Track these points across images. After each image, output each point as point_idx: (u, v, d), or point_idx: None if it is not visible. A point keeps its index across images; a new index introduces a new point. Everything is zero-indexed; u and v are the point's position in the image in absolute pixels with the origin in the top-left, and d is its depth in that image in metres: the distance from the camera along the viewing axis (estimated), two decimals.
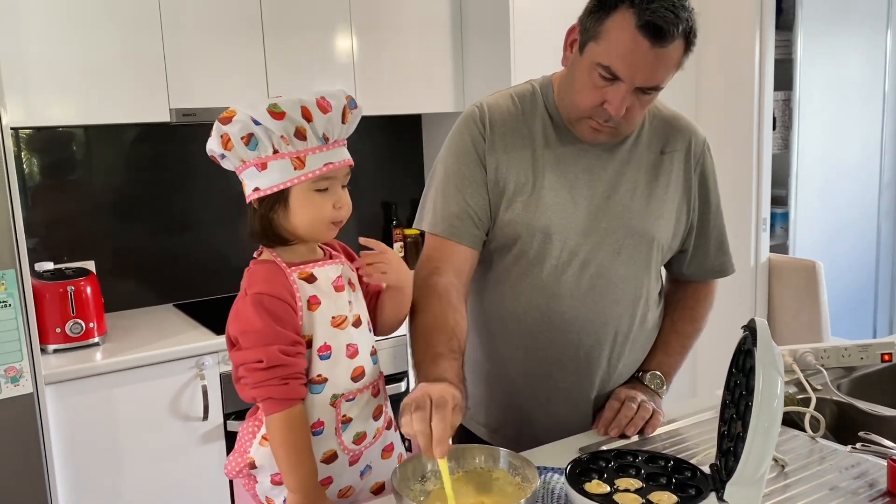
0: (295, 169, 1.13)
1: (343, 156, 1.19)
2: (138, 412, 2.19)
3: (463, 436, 1.51)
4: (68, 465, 2.10)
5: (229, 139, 1.13)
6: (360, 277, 1.27)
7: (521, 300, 1.39)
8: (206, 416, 2.27)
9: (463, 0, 2.95)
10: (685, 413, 1.49)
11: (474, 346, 1.46)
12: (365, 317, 1.25)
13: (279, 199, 1.14)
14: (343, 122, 1.18)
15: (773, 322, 3.18)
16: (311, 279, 1.18)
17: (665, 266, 1.53)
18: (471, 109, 1.43)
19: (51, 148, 2.55)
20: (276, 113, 1.10)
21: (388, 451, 1.29)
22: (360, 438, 1.22)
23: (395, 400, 1.28)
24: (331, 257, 1.25)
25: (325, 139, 1.15)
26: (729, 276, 1.57)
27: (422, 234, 1.44)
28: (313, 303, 1.17)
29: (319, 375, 1.17)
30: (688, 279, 1.56)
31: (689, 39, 1.24)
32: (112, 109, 2.33)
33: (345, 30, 2.72)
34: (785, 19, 3.31)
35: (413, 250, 3.22)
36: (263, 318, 1.11)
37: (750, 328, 1.07)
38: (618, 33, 1.21)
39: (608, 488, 1.08)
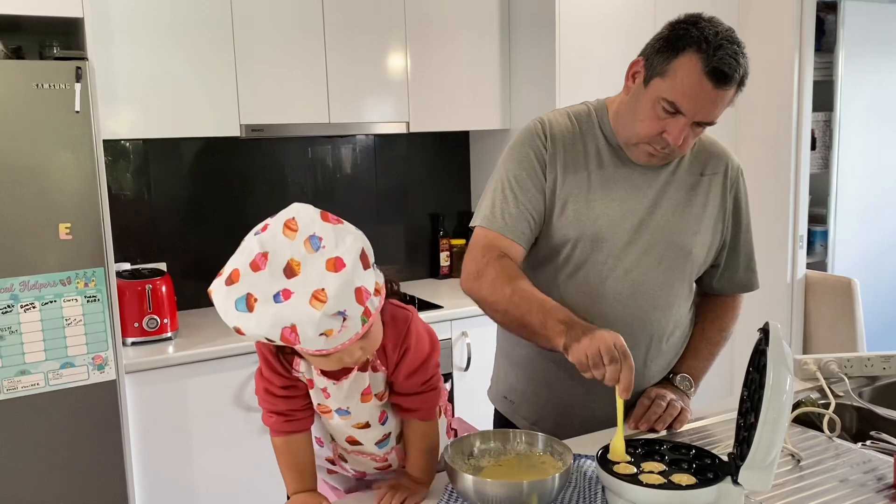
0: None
1: (347, 336, 1.06)
2: (206, 401, 2.39)
3: (505, 426, 1.66)
4: (143, 447, 2.31)
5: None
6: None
7: (568, 300, 1.51)
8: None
9: (511, 22, 3.12)
10: (717, 411, 1.62)
11: (521, 343, 1.60)
12: (375, 419, 1.27)
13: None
14: (329, 337, 1.04)
15: (810, 336, 3.25)
16: (309, 367, 1.21)
17: (696, 281, 1.65)
18: (533, 123, 1.56)
19: (127, 158, 2.79)
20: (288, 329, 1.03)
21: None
22: (359, 473, 1.37)
23: None
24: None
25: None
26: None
27: (464, 228, 1.59)
28: (310, 385, 1.22)
29: (320, 405, 1.25)
30: (717, 293, 1.69)
31: (742, 81, 1.39)
32: (187, 124, 2.54)
33: (400, 51, 2.91)
34: (827, 41, 3.39)
35: (458, 259, 3.37)
36: (260, 357, 1.22)
37: (764, 330, 1.19)
38: (685, 74, 1.36)
39: (635, 470, 1.21)
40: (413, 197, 3.37)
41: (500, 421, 1.70)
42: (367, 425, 1.27)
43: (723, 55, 1.33)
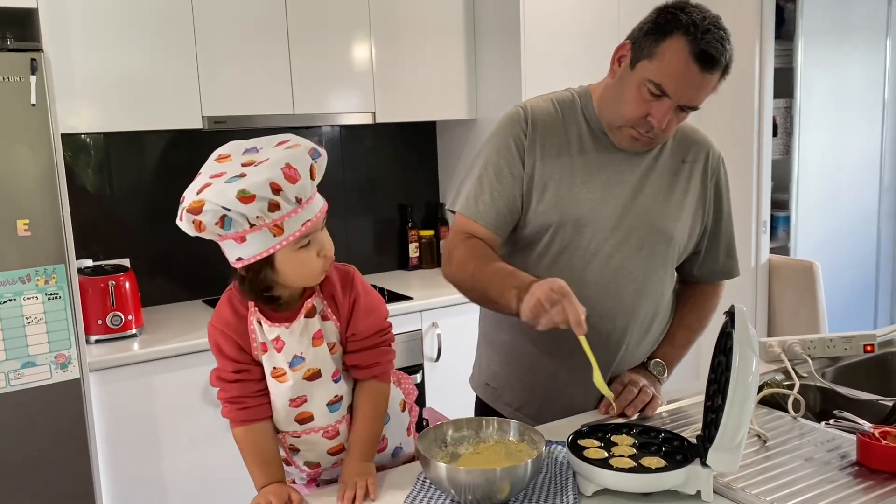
0: (274, 236, 1.14)
1: (317, 207, 1.20)
2: (174, 399, 2.35)
3: (487, 414, 1.65)
4: (110, 446, 2.27)
5: (201, 223, 1.13)
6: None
7: None
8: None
9: (476, 12, 3.11)
10: (685, 394, 1.64)
11: (503, 328, 1.61)
12: (327, 370, 1.27)
13: (264, 264, 1.17)
14: (312, 180, 1.18)
15: (774, 319, 3.31)
16: (260, 325, 1.25)
17: (677, 268, 1.66)
18: (515, 109, 1.57)
19: (88, 152, 2.73)
20: (246, 198, 1.10)
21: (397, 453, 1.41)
22: (313, 465, 1.35)
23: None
24: (300, 309, 1.25)
25: (299, 201, 1.16)
26: None
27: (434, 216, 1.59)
28: (263, 349, 1.25)
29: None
30: (697, 280, 1.70)
31: (727, 68, 1.41)
32: (148, 117, 2.50)
33: (364, 41, 2.88)
34: (786, 29, 3.45)
35: (427, 250, 3.37)
36: (212, 345, 1.25)
37: (730, 313, 1.21)
38: (672, 56, 1.37)
39: (605, 454, 1.22)
40: (381, 188, 3.36)
41: (482, 409, 1.70)
42: (318, 374, 1.26)
43: (710, 39, 1.35)
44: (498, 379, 1.66)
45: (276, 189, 1.12)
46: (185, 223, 1.15)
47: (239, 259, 1.18)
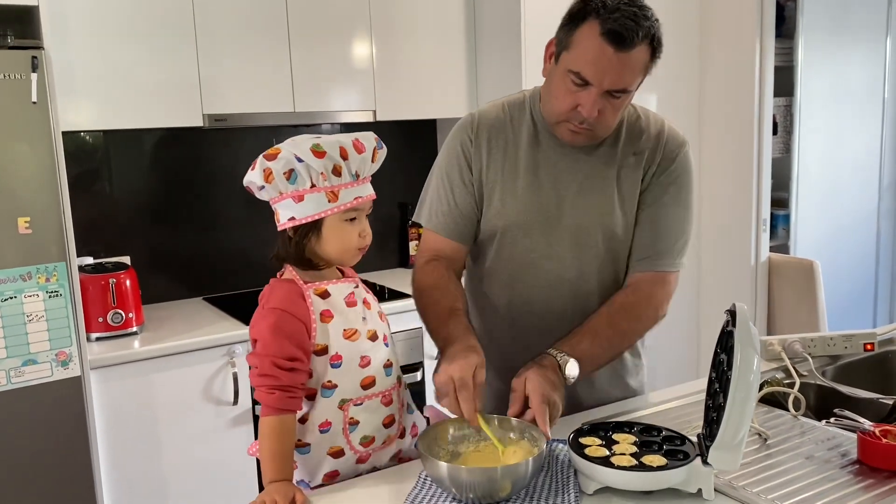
0: (329, 202, 1.27)
1: (369, 190, 1.34)
2: (174, 396, 2.36)
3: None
4: (110, 443, 2.27)
5: (271, 173, 1.26)
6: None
7: (504, 289, 1.56)
8: (236, 401, 2.43)
9: (476, 10, 3.11)
10: (686, 393, 1.64)
11: (494, 336, 1.59)
12: (382, 332, 1.37)
13: (313, 228, 1.29)
14: (372, 161, 1.34)
15: (773, 318, 3.32)
16: (325, 295, 1.31)
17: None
18: (465, 117, 1.60)
19: (89, 150, 2.73)
20: (319, 152, 1.25)
21: (396, 458, 1.40)
22: (368, 441, 1.34)
23: (412, 388, 1.47)
24: (352, 277, 1.39)
25: (357, 175, 1.31)
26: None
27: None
28: (326, 316, 1.30)
29: (330, 381, 1.30)
30: (639, 271, 1.55)
31: (653, 46, 1.37)
32: (149, 114, 2.49)
33: (365, 40, 2.88)
34: (786, 28, 3.45)
35: None
36: (270, 330, 1.25)
37: (731, 312, 1.21)
38: (585, 42, 1.36)
39: (607, 452, 1.23)
40: (381, 186, 3.31)
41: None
42: (375, 335, 1.35)
43: (618, 17, 1.32)
44: (490, 387, 1.64)
45: (343, 154, 1.27)
46: (256, 171, 1.28)
47: (291, 219, 1.27)
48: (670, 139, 1.55)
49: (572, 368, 1.36)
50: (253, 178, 1.30)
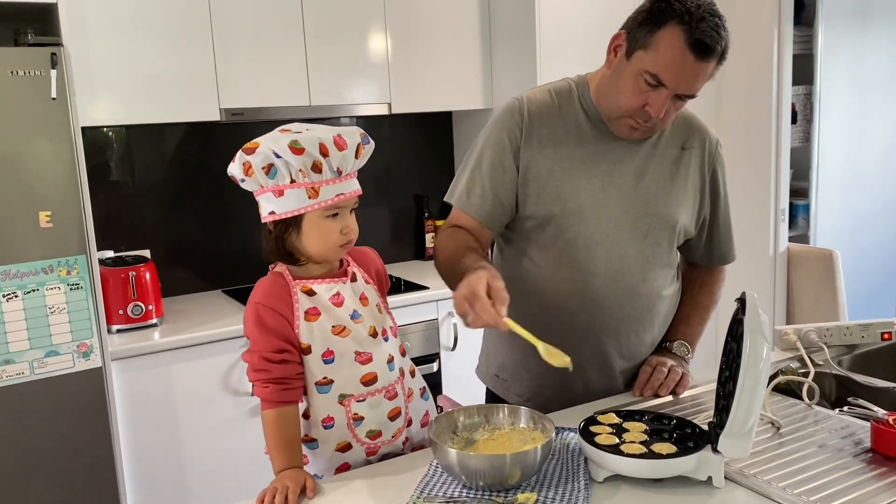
0: (309, 198, 1.25)
1: (353, 187, 1.32)
2: (194, 387, 2.39)
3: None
4: (131, 433, 2.31)
5: (251, 166, 1.26)
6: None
7: (558, 277, 1.53)
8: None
9: (491, 2, 3.10)
10: (698, 381, 1.63)
11: (513, 319, 1.60)
12: (382, 326, 1.37)
13: (293, 223, 1.28)
14: (356, 158, 1.31)
15: (793, 308, 3.28)
16: (311, 293, 1.32)
17: (679, 251, 1.67)
18: (511, 102, 1.57)
19: (108, 145, 2.77)
20: (297, 149, 1.23)
21: (407, 444, 1.41)
22: (374, 435, 1.35)
23: (427, 379, 1.47)
24: (345, 273, 1.37)
25: (339, 172, 1.28)
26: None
27: (448, 208, 1.61)
28: (311, 314, 1.30)
29: (325, 378, 1.31)
30: (698, 264, 1.71)
31: (723, 55, 1.40)
32: (166, 109, 2.53)
33: (380, 32, 2.89)
34: (806, 15, 3.40)
35: None
36: (255, 325, 1.27)
37: (741, 300, 1.21)
38: (668, 47, 1.36)
39: (616, 440, 1.23)
40: (397, 178, 3.37)
41: (493, 399, 1.71)
42: (375, 333, 1.35)
43: (705, 27, 1.34)
44: (506, 370, 1.66)
45: (323, 151, 1.25)
46: (235, 164, 1.28)
47: (272, 213, 1.28)
48: (708, 133, 1.62)
49: (679, 347, 1.62)
50: (233, 170, 1.30)
